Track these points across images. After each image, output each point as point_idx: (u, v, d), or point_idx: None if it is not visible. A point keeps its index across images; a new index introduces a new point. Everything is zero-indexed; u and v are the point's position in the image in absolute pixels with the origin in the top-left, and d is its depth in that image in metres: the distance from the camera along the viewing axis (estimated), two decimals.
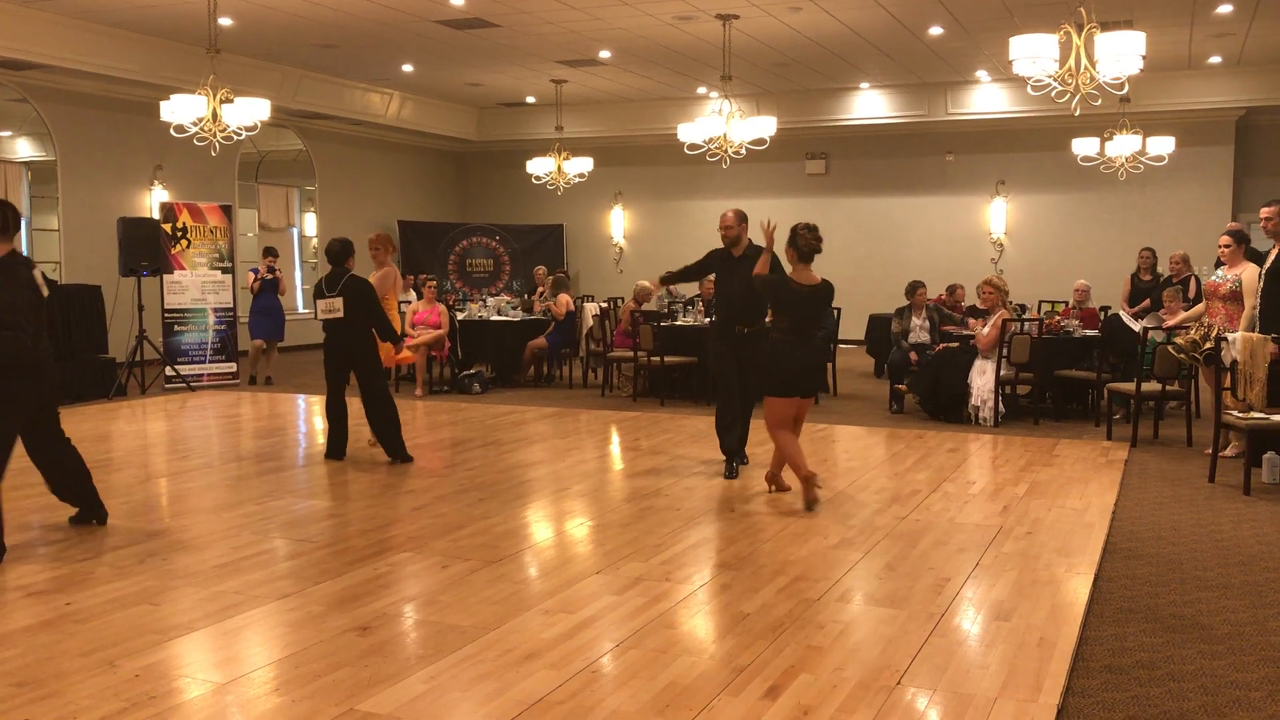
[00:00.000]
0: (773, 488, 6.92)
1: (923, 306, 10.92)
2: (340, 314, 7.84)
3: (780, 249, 6.74)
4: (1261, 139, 16.54)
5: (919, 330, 10.77)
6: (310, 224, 18.43)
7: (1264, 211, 7.92)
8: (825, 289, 6.69)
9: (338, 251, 8.05)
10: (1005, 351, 9.64)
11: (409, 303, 12.99)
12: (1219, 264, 8.40)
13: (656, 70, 15.64)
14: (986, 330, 9.73)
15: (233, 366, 13.18)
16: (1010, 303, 10.31)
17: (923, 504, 6.61)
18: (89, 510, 6.10)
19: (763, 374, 6.77)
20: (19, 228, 5.77)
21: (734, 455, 7.52)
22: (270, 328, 13.05)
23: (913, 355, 10.42)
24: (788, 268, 6.78)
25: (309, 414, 10.96)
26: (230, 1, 11.62)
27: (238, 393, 12.41)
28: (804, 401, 6.73)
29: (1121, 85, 8.53)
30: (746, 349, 7.27)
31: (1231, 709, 3.66)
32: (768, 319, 7.16)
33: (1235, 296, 8.11)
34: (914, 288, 10.97)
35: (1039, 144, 17.17)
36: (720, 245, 7.56)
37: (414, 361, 11.88)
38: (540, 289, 14.64)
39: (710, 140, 12.64)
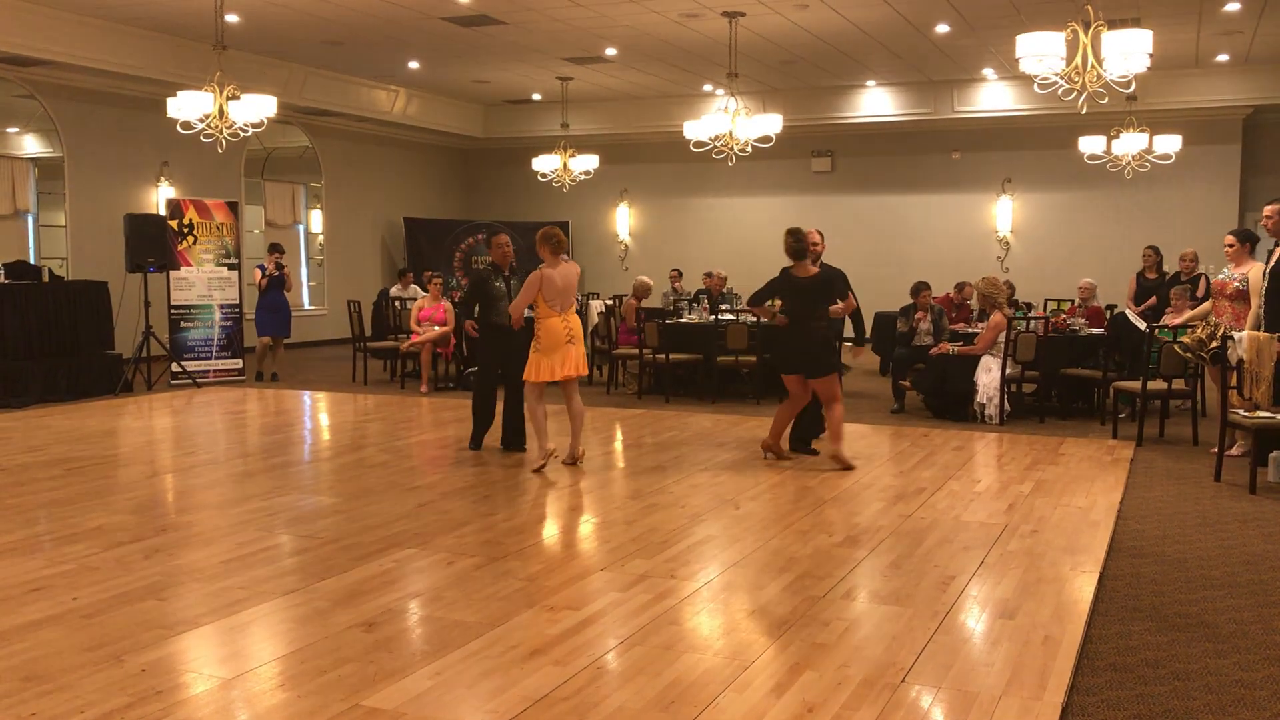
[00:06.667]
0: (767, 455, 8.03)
1: (927, 308, 10.90)
2: None
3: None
4: (1269, 137, 16.47)
5: (924, 335, 10.76)
6: (316, 221, 18.44)
7: (1267, 210, 7.92)
8: (822, 278, 7.78)
9: None
10: (1010, 350, 9.64)
11: (414, 299, 13.10)
12: None
13: (662, 67, 15.63)
14: (981, 334, 9.79)
15: (239, 363, 13.20)
16: (1014, 301, 10.30)
17: (928, 502, 6.61)
18: None
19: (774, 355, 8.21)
20: None
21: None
22: (277, 324, 13.07)
23: (931, 341, 10.45)
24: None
25: (315, 410, 10.97)
26: None
27: (244, 389, 12.43)
28: (811, 380, 7.66)
29: (1128, 83, 8.50)
30: None
31: (1236, 708, 3.66)
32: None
33: (1242, 295, 8.10)
34: (919, 289, 10.96)
35: (1045, 142, 17.13)
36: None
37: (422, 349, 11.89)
38: None
39: (716, 138, 12.62)
